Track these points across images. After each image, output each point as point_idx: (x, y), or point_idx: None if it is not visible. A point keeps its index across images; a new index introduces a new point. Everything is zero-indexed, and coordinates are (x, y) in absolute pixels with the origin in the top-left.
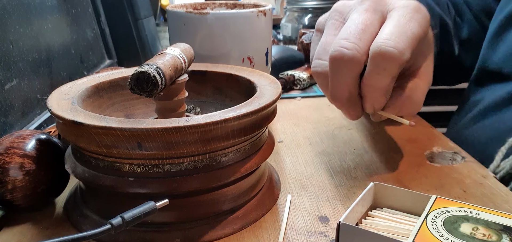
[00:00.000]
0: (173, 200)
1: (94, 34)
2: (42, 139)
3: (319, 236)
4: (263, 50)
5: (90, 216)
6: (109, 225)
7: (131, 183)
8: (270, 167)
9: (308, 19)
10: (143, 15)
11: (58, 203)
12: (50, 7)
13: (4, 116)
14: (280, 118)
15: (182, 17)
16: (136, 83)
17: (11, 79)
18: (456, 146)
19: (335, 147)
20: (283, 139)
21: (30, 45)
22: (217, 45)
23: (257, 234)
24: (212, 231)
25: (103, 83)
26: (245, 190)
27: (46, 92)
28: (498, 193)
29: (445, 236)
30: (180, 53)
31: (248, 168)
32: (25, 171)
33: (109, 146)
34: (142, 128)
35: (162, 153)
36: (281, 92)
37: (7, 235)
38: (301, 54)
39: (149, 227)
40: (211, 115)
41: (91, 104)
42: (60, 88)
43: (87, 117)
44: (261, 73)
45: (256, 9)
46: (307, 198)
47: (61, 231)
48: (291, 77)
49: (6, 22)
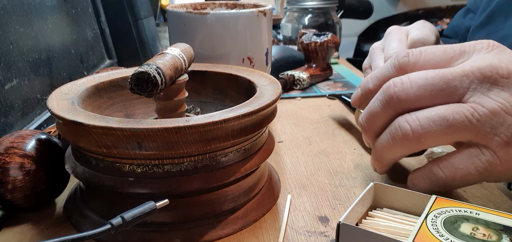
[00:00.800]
0: (173, 200)
1: (94, 34)
2: (42, 139)
3: (319, 236)
4: (263, 50)
5: (90, 216)
6: (109, 225)
7: (131, 183)
8: (270, 167)
9: (308, 19)
10: (143, 15)
11: (58, 203)
12: (50, 7)
13: (4, 116)
14: (280, 118)
15: (182, 17)
16: (136, 83)
17: (11, 79)
18: None
19: (335, 147)
20: (283, 139)
21: (30, 45)
22: (217, 45)
23: (257, 234)
24: (212, 231)
25: (103, 83)
26: (245, 190)
27: (46, 92)
28: (498, 193)
29: (445, 236)
30: (180, 53)
31: (248, 168)
32: (25, 171)
33: (109, 146)
34: (142, 128)
35: (162, 153)
36: (281, 92)
37: (7, 235)
38: (301, 54)
39: (149, 227)
40: (211, 116)
41: (91, 105)
42: (60, 88)
43: (87, 117)
44: (261, 73)
45: (256, 9)
46: (307, 198)
47: (61, 231)
48: (291, 77)
49: (6, 22)
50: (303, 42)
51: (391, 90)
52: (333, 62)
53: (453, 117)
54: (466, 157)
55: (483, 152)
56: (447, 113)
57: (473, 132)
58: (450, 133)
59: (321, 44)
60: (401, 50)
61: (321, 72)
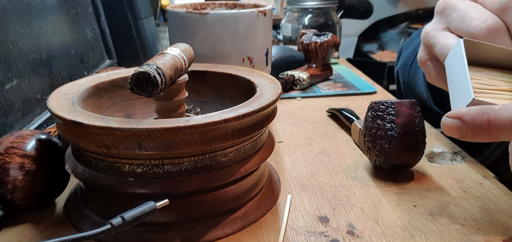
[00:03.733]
0: (173, 200)
1: (94, 34)
2: (42, 139)
3: (319, 236)
4: (263, 50)
5: (90, 216)
6: (109, 225)
7: (131, 183)
8: (270, 167)
9: (308, 19)
10: (143, 15)
11: (58, 203)
12: (50, 7)
13: (4, 116)
14: (280, 118)
15: (182, 17)
16: (136, 83)
17: (11, 79)
18: (456, 146)
19: (335, 147)
20: (283, 139)
21: (30, 45)
22: (217, 45)
23: (257, 234)
24: (212, 231)
25: (103, 83)
26: (245, 190)
27: (46, 92)
28: (498, 193)
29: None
30: (180, 53)
31: (248, 168)
32: (25, 171)
33: (109, 146)
34: (142, 128)
35: (162, 153)
36: (281, 93)
37: (7, 235)
38: (301, 54)
39: (149, 227)
40: (211, 116)
41: (91, 105)
42: (60, 88)
43: (87, 117)
44: (261, 73)
45: (256, 9)
46: (307, 198)
47: (61, 231)
48: (291, 77)
49: (6, 22)
50: (303, 42)
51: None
52: (333, 62)
53: None
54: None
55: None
56: None
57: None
58: None
59: (321, 44)
60: (490, 17)
61: (321, 72)
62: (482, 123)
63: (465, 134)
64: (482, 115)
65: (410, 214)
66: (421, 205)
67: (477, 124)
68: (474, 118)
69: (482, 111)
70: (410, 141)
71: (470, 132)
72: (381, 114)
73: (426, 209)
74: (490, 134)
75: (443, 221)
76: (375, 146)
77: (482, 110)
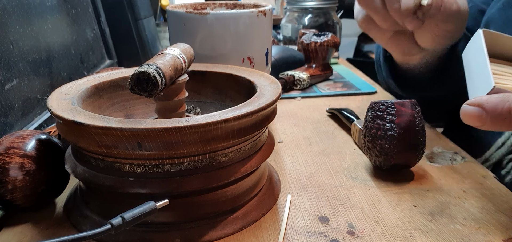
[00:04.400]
0: (173, 200)
1: (94, 34)
2: (42, 139)
3: (319, 236)
4: (263, 50)
5: (90, 216)
6: (109, 225)
7: (131, 183)
8: (270, 167)
9: (308, 19)
10: (143, 15)
11: (58, 203)
12: (50, 7)
13: (4, 116)
14: (280, 118)
15: (182, 17)
16: (136, 83)
17: (11, 79)
18: (456, 146)
19: (335, 147)
20: (283, 139)
21: (30, 45)
22: (217, 45)
23: (257, 234)
24: (212, 231)
25: (103, 83)
26: (245, 190)
27: (46, 92)
28: (498, 193)
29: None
30: (180, 53)
31: (248, 168)
32: (25, 171)
33: (109, 146)
34: (142, 128)
35: (162, 153)
36: (281, 93)
37: (7, 235)
38: (301, 54)
39: (149, 227)
40: (211, 116)
41: (91, 105)
42: (60, 88)
43: (87, 117)
44: (261, 73)
45: (256, 9)
46: (307, 198)
47: (61, 231)
48: (291, 77)
49: (6, 22)
50: (303, 42)
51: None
52: (333, 62)
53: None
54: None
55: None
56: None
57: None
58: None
59: (321, 44)
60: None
61: (321, 72)
62: (503, 110)
63: (484, 121)
64: (503, 103)
65: (410, 214)
66: (421, 205)
67: (497, 111)
68: (495, 106)
69: (504, 99)
70: (410, 140)
71: (489, 120)
72: (381, 114)
73: (426, 209)
74: (511, 121)
75: (443, 221)
76: (375, 146)
77: (504, 98)
